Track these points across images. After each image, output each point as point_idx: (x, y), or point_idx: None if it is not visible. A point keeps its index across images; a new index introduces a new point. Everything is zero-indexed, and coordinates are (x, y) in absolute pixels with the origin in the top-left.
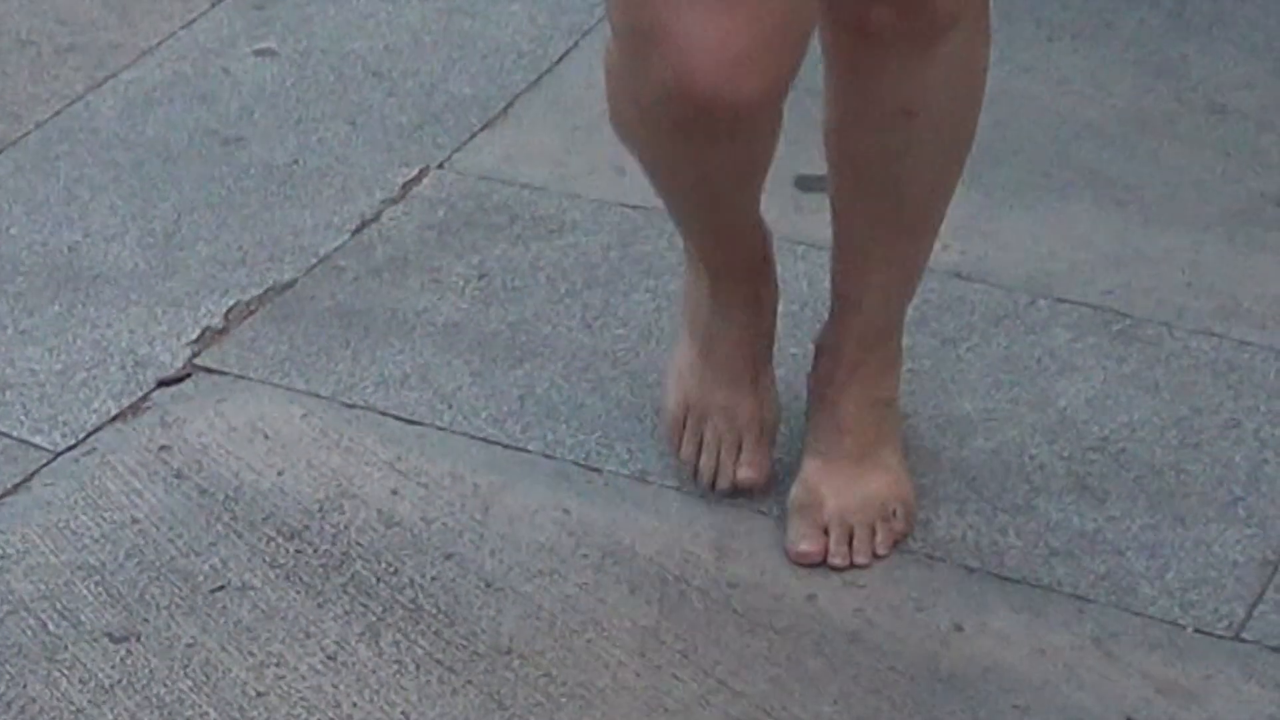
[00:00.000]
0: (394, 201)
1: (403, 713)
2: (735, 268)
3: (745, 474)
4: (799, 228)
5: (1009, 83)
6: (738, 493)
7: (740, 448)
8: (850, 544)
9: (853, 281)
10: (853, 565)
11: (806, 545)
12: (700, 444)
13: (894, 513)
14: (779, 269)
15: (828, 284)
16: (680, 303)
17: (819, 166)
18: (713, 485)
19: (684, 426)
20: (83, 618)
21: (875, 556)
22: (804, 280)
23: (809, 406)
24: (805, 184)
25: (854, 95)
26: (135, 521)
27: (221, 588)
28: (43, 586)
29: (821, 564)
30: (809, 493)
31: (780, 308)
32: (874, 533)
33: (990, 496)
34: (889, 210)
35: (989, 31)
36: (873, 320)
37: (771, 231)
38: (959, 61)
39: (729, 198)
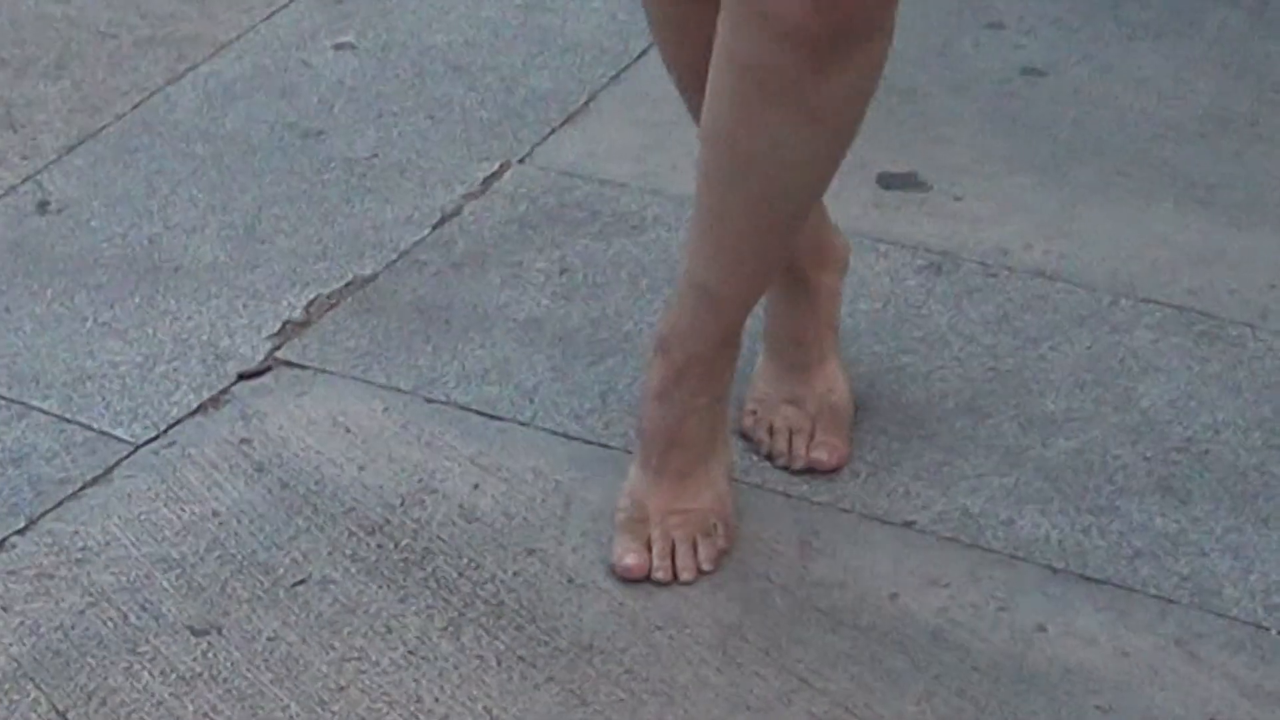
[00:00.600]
0: (475, 196)
1: (484, 708)
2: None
3: (817, 455)
4: (880, 225)
5: (1090, 82)
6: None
7: (814, 433)
8: (673, 559)
9: (715, 278)
10: (675, 580)
11: (631, 560)
12: (771, 429)
13: (714, 527)
14: (860, 266)
15: (910, 282)
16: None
17: (901, 164)
18: (787, 467)
19: (753, 417)
20: (164, 610)
21: (699, 572)
22: (886, 277)
23: (641, 406)
24: (887, 181)
25: (756, 97)
26: (216, 515)
27: (303, 581)
28: (124, 579)
29: (646, 578)
30: (635, 506)
31: (863, 305)
32: (696, 549)
33: (1073, 497)
34: (768, 213)
35: (892, 37)
36: (730, 320)
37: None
38: (866, 68)
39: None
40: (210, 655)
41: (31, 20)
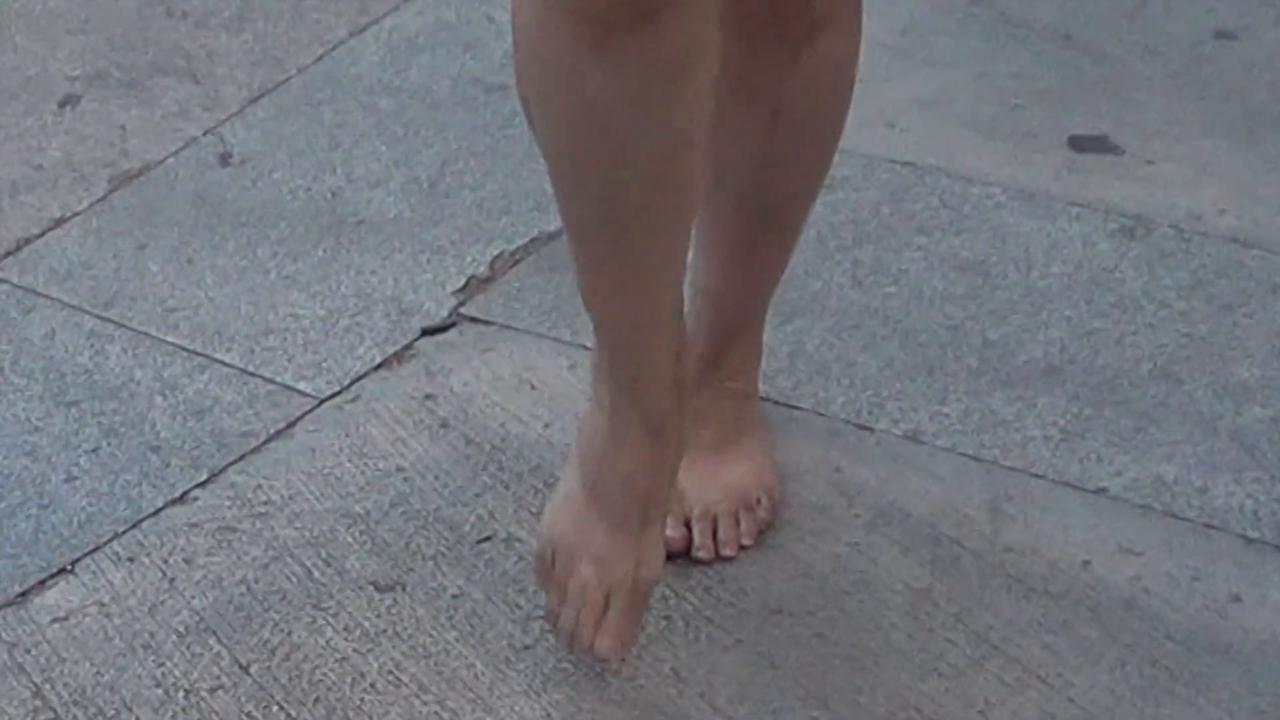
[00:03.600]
0: None
1: (671, 669)
2: (645, 365)
3: (602, 644)
4: (1072, 188)
5: None
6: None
7: (606, 608)
8: (715, 536)
9: (712, 276)
10: (719, 558)
11: (670, 532)
12: (564, 595)
13: (757, 500)
14: (1052, 229)
15: (1103, 246)
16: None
17: (1093, 127)
18: (570, 645)
19: (551, 566)
20: (348, 565)
21: (741, 548)
22: (1078, 241)
23: None
24: (1079, 144)
25: (721, 94)
26: (400, 470)
27: (488, 538)
28: (307, 533)
29: (685, 554)
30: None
31: (1055, 269)
32: (738, 523)
33: (1269, 465)
34: (751, 212)
35: (860, 32)
36: (731, 317)
37: (690, 352)
38: (829, 63)
39: (649, 202)
40: (394, 611)
41: None
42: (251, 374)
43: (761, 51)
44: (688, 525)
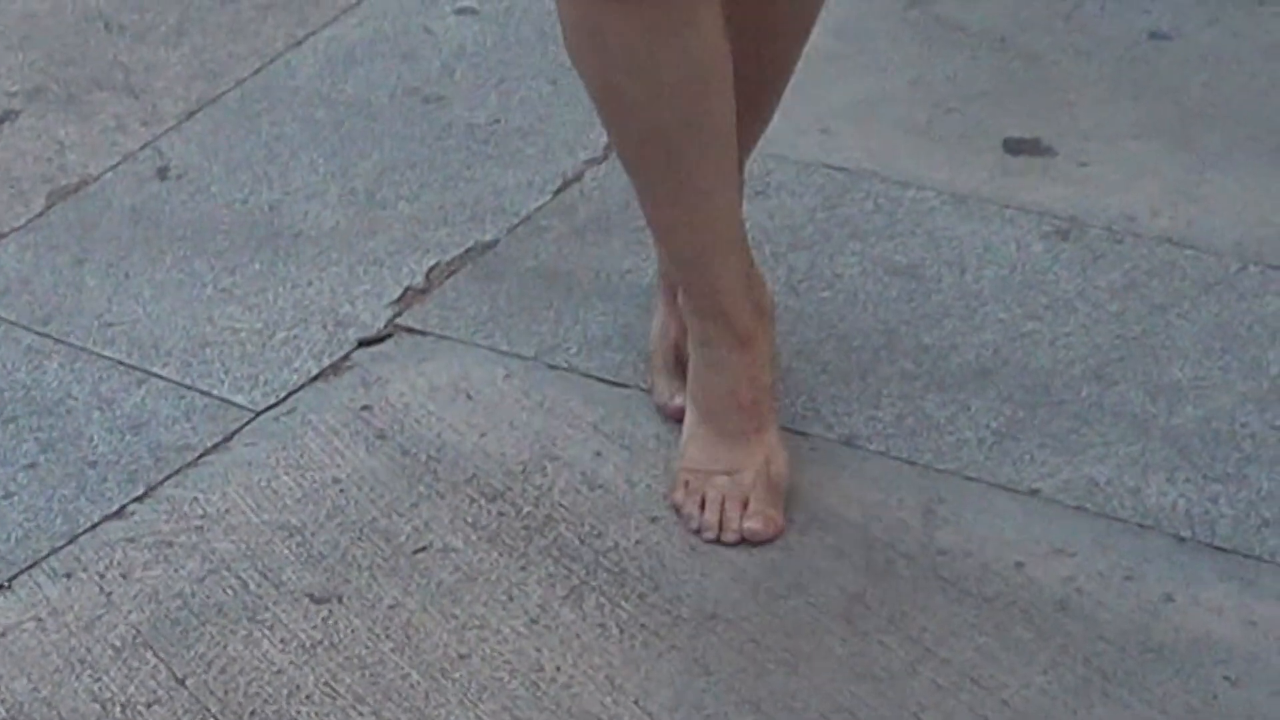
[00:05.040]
0: (597, 161)
1: (606, 676)
2: (720, 286)
3: (752, 524)
4: (1006, 191)
5: (1219, 47)
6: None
7: (747, 503)
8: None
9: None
10: (719, 540)
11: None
12: (703, 501)
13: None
14: (986, 232)
15: (1037, 248)
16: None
17: (1028, 129)
18: (718, 539)
19: (687, 489)
20: (284, 577)
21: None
22: (1012, 244)
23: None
24: (1013, 147)
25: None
26: (336, 481)
27: (424, 549)
28: (244, 546)
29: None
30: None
31: (989, 272)
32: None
33: (1201, 465)
34: (750, 75)
35: None
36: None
37: (764, 281)
38: None
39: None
40: (330, 623)
41: None
42: (188, 387)
43: None
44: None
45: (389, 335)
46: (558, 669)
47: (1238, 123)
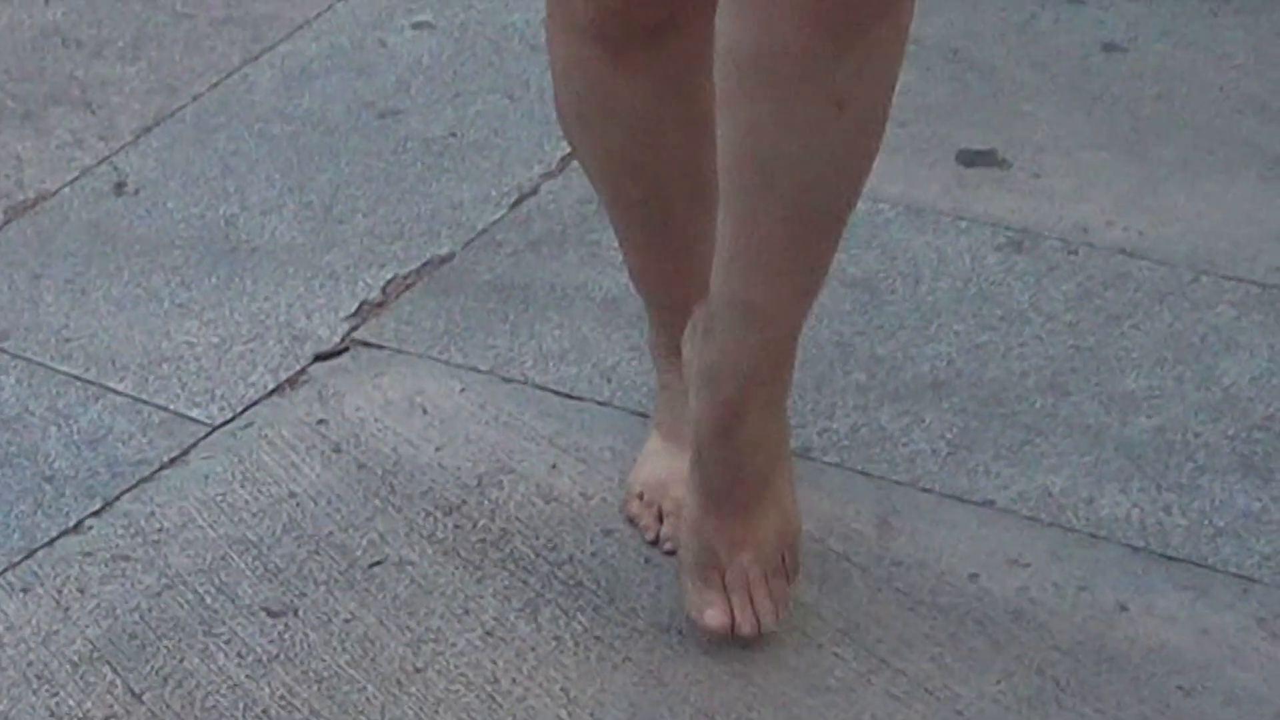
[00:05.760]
0: (552, 175)
1: (561, 689)
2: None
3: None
4: (960, 202)
5: (1173, 57)
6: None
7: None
8: (752, 605)
9: (760, 290)
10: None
11: (714, 617)
12: (660, 513)
13: (782, 559)
14: (940, 243)
15: (991, 259)
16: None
17: (982, 141)
18: (675, 551)
19: (640, 500)
20: (240, 592)
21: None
22: (966, 255)
23: (695, 442)
24: (967, 159)
25: (781, 89)
26: (293, 496)
27: (379, 563)
28: (200, 560)
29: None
30: (704, 550)
31: (944, 283)
32: (769, 586)
33: (1154, 475)
34: (805, 211)
35: (910, 15)
36: (783, 333)
37: None
38: (886, 50)
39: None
40: (286, 637)
41: (108, 1)
42: (145, 402)
43: (824, 39)
44: (726, 598)
45: (345, 349)
46: (513, 681)
47: (1191, 133)
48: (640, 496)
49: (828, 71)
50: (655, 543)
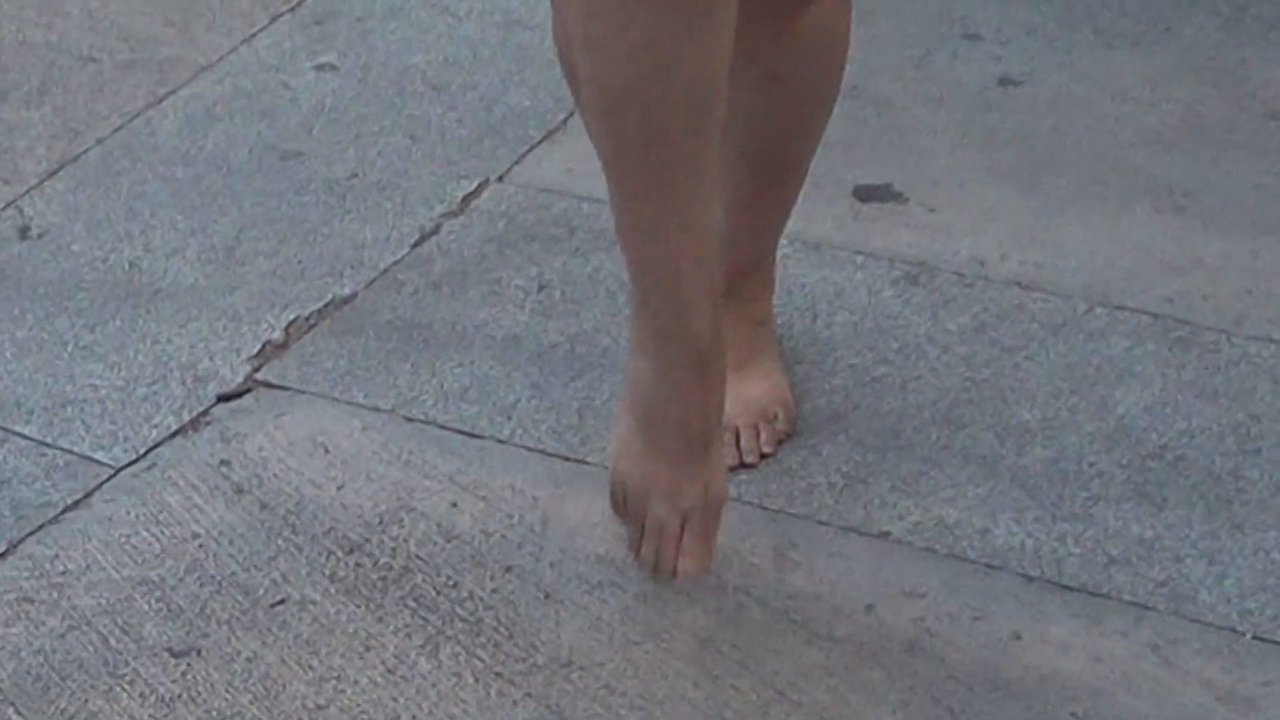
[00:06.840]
0: (453, 215)
1: None
2: (686, 302)
3: (686, 566)
4: (856, 237)
5: (1067, 89)
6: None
7: (683, 534)
8: (738, 445)
9: (723, 220)
10: (742, 464)
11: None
12: (642, 530)
13: (775, 415)
14: (837, 277)
15: (887, 293)
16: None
17: (878, 176)
18: (655, 573)
19: (624, 505)
20: (144, 633)
21: (761, 456)
22: (863, 289)
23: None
24: (864, 194)
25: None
26: (196, 536)
27: (281, 602)
28: (104, 601)
29: None
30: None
31: (840, 317)
32: (758, 433)
33: (1049, 504)
34: (753, 164)
35: (850, 3)
36: (743, 254)
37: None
38: (821, 31)
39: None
40: (190, 677)
41: (13, 45)
42: (49, 445)
43: (757, 17)
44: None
45: (248, 390)
46: (414, 718)
47: (1086, 166)
48: (624, 502)
49: (758, 48)
50: (636, 559)
